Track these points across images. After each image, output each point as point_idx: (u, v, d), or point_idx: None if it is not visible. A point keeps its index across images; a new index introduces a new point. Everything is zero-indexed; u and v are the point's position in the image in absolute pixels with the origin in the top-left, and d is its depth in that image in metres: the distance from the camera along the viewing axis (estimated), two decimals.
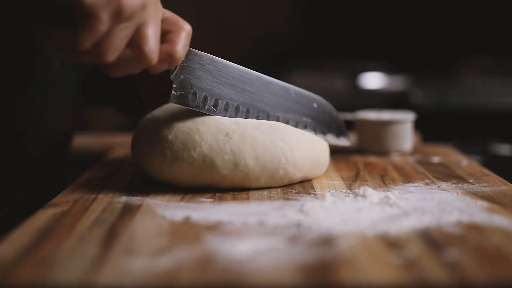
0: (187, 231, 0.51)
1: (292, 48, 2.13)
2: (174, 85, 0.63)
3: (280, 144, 0.65)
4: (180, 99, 0.64)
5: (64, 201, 0.60)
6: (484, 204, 0.58)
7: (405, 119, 0.90)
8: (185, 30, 0.60)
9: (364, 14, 2.10)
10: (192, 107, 0.65)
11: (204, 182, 0.64)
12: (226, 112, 0.67)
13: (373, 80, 1.82)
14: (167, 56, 0.59)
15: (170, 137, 0.64)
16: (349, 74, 1.83)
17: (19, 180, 0.73)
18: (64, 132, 0.82)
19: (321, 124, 0.74)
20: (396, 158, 0.85)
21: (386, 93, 1.75)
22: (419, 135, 1.04)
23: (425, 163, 0.80)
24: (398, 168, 0.76)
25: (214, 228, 0.52)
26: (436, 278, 0.41)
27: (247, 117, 0.68)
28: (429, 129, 1.13)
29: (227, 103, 0.67)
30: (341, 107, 1.07)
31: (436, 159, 0.83)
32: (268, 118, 0.69)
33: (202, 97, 0.65)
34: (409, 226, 0.51)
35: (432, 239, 0.48)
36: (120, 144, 0.96)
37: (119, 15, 0.52)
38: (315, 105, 0.74)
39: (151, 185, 0.67)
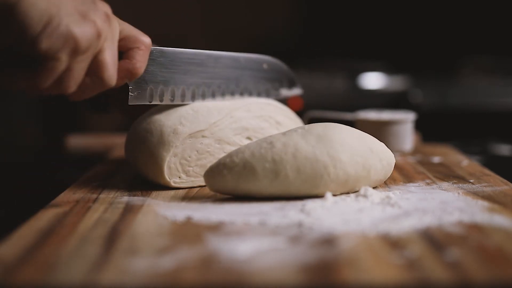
0: (188, 231, 0.51)
1: (292, 48, 2.13)
2: (130, 87, 0.64)
3: (324, 158, 0.60)
4: (139, 98, 0.65)
5: (65, 201, 0.60)
6: (485, 204, 0.58)
7: (406, 119, 0.90)
8: (144, 45, 0.61)
9: (364, 14, 2.10)
10: (151, 102, 0.66)
11: (243, 191, 0.61)
12: (183, 98, 0.68)
13: (373, 80, 1.82)
14: (127, 73, 0.60)
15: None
16: (349, 74, 1.83)
17: (13, 181, 0.74)
18: (54, 133, 0.83)
19: (274, 81, 0.77)
20: (396, 158, 0.85)
21: (386, 93, 1.75)
22: (419, 135, 1.04)
23: (426, 163, 0.81)
24: (399, 168, 0.76)
25: (216, 228, 0.52)
26: (438, 277, 0.41)
27: (203, 99, 0.69)
28: (429, 129, 1.13)
29: (183, 90, 0.68)
30: (341, 107, 1.07)
31: (436, 159, 0.83)
32: (223, 94, 0.71)
33: (158, 90, 0.66)
34: (410, 226, 0.51)
35: (433, 239, 0.48)
36: (120, 144, 0.96)
37: (76, 51, 0.53)
38: (265, 66, 0.76)
39: (152, 185, 0.67)
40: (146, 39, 0.61)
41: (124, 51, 0.60)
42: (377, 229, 0.51)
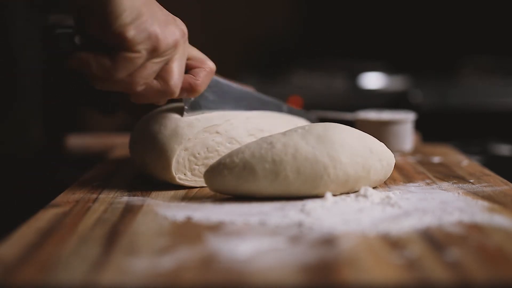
0: (188, 231, 0.51)
1: (292, 48, 2.13)
2: (185, 107, 0.68)
3: (324, 159, 0.60)
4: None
5: (65, 201, 0.60)
6: (485, 204, 0.58)
7: (406, 119, 0.90)
8: (209, 67, 0.66)
9: (364, 14, 2.10)
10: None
11: (243, 191, 0.61)
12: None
13: (373, 80, 1.82)
14: (189, 86, 0.64)
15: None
16: (349, 74, 1.83)
17: (13, 181, 0.74)
18: (54, 133, 0.83)
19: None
20: (396, 158, 0.85)
21: (386, 93, 1.75)
22: (419, 135, 1.04)
23: (426, 163, 0.81)
24: (399, 168, 0.76)
25: (216, 228, 0.52)
26: (438, 277, 0.41)
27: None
28: (429, 129, 1.13)
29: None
30: (341, 107, 1.07)
31: (436, 159, 0.83)
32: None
33: None
34: (410, 226, 0.51)
35: (433, 239, 0.48)
36: (120, 144, 0.96)
37: (155, 51, 0.58)
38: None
39: (152, 185, 0.67)
40: (212, 64, 0.66)
41: (191, 69, 0.65)
42: (377, 229, 0.51)
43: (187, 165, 0.66)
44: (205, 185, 0.67)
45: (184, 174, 0.66)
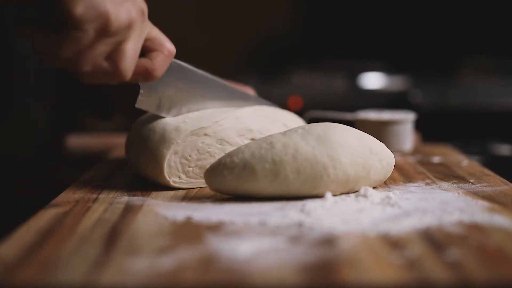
0: (189, 231, 0.51)
1: (292, 48, 2.13)
2: (141, 89, 0.64)
3: (324, 160, 0.60)
4: (146, 104, 0.66)
5: (65, 201, 0.60)
6: (485, 204, 0.58)
7: (406, 119, 0.90)
8: (168, 50, 0.61)
9: (364, 14, 2.10)
10: (156, 113, 0.67)
11: (243, 191, 0.61)
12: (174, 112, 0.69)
13: (373, 80, 1.82)
14: (144, 70, 0.60)
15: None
16: (349, 74, 1.83)
17: (13, 181, 0.74)
18: (52, 133, 0.83)
19: None
20: (396, 158, 0.85)
21: (386, 93, 1.75)
22: (419, 135, 1.04)
23: (426, 163, 0.81)
24: (399, 168, 0.76)
25: (216, 228, 0.52)
26: (438, 278, 0.41)
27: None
28: (429, 129, 1.13)
29: (189, 110, 0.69)
30: (340, 107, 1.07)
31: (436, 159, 0.83)
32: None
33: (166, 104, 0.67)
34: (410, 226, 0.51)
35: (433, 239, 0.48)
36: (120, 144, 0.96)
37: (104, 31, 0.53)
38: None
39: (152, 185, 0.67)
40: (171, 46, 0.61)
41: (148, 51, 0.60)
42: (377, 229, 0.51)
43: (180, 168, 0.66)
44: (201, 185, 0.67)
45: (179, 177, 0.66)
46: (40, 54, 0.54)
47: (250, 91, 0.81)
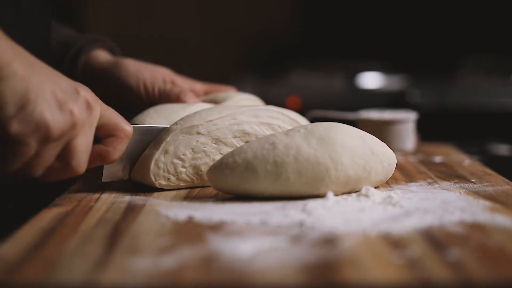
0: (190, 231, 0.51)
1: (291, 48, 2.13)
2: (104, 171, 0.65)
3: (326, 161, 0.60)
4: (112, 175, 0.66)
5: (67, 201, 0.60)
6: (487, 203, 0.58)
7: (407, 118, 0.90)
8: (123, 133, 0.60)
9: (363, 14, 2.10)
10: (124, 178, 0.67)
11: (245, 190, 0.61)
12: None
13: (371, 80, 1.82)
14: (100, 157, 0.59)
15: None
16: (348, 74, 1.83)
17: (15, 180, 0.74)
18: None
19: None
20: (398, 157, 0.85)
21: (384, 93, 1.75)
22: (418, 135, 1.04)
23: (427, 163, 0.81)
24: (401, 168, 0.76)
25: (217, 227, 0.52)
26: (439, 277, 0.41)
27: None
28: (427, 129, 1.13)
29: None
30: (339, 107, 1.07)
31: (438, 159, 0.83)
32: None
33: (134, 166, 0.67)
34: (411, 225, 0.51)
35: (435, 239, 0.48)
36: None
37: (47, 139, 0.51)
38: None
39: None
40: (127, 128, 0.60)
41: (102, 137, 0.59)
42: (378, 229, 0.51)
43: (172, 169, 0.65)
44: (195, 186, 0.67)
45: (168, 179, 0.65)
46: None
47: (232, 90, 0.81)
